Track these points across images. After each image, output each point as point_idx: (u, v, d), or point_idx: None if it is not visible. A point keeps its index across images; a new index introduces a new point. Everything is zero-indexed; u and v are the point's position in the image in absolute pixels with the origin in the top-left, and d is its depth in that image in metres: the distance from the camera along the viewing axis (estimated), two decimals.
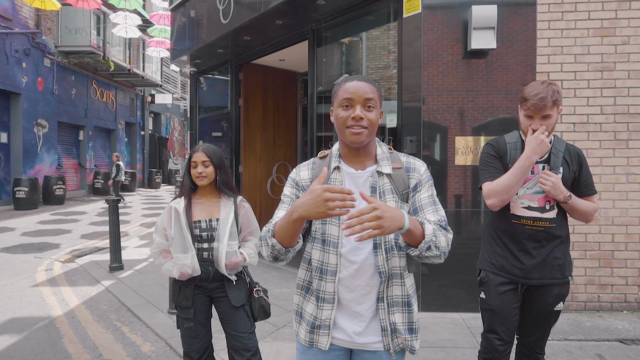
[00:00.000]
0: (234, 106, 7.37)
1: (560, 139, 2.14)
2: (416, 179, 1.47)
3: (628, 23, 4.02)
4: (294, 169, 1.57)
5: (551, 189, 1.97)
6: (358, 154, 1.46)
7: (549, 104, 1.95)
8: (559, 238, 2.07)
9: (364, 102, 1.38)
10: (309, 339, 1.47)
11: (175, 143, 26.77)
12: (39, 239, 8.09)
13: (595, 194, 2.11)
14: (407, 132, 4.26)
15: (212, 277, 2.35)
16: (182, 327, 2.37)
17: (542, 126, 1.99)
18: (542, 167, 2.06)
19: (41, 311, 4.33)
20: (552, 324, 2.14)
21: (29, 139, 13.27)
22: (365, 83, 1.40)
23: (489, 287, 2.16)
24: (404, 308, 1.45)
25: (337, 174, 1.46)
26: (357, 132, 1.38)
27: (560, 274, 2.07)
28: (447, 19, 4.11)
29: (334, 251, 1.41)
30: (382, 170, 1.44)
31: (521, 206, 2.07)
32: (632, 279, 4.07)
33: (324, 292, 1.43)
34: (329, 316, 1.43)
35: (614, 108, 4.05)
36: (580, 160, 2.09)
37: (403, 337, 1.44)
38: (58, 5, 11.15)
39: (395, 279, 1.44)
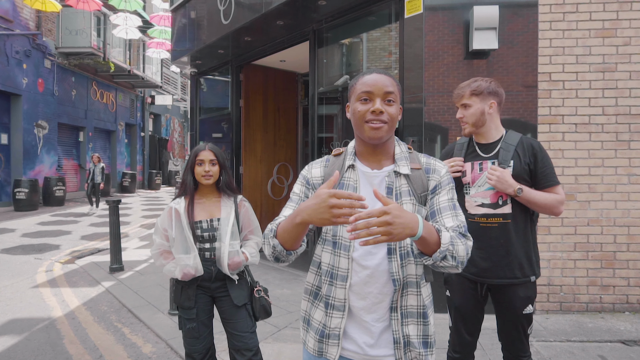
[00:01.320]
0: (235, 107, 7.36)
1: (514, 133, 2.13)
2: (436, 180, 1.37)
3: (629, 24, 4.02)
4: (306, 165, 1.49)
5: (497, 183, 1.97)
6: (375, 152, 1.37)
7: (466, 94, 2.08)
8: (516, 235, 2.02)
9: (384, 95, 1.30)
10: (318, 348, 1.37)
11: (175, 144, 26.76)
12: (39, 240, 8.07)
13: (557, 185, 2.04)
14: (409, 133, 4.25)
15: (214, 276, 2.34)
16: (185, 327, 2.36)
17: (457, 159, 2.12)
18: (491, 163, 2.06)
19: (41, 312, 4.32)
20: (527, 327, 2.10)
21: (29, 140, 13.27)
22: (385, 76, 1.32)
23: (452, 285, 2.19)
24: (419, 319, 1.35)
25: (352, 172, 1.37)
26: (377, 127, 1.30)
27: (520, 272, 2.02)
28: (449, 20, 4.11)
29: (346, 255, 1.32)
30: (400, 171, 1.34)
31: (475, 204, 2.08)
32: (634, 280, 4.06)
33: (333, 298, 1.34)
34: (339, 325, 1.33)
35: (616, 109, 4.04)
36: (534, 152, 2.05)
37: (417, 351, 1.33)
38: (58, 6, 11.17)
39: (411, 288, 1.33)
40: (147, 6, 19.60)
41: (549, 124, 4.07)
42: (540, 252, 4.04)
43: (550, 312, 4.06)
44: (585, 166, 4.06)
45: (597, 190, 4.05)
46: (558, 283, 4.06)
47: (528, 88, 4.05)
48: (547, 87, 4.07)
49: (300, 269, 5.63)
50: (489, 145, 2.12)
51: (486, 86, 2.08)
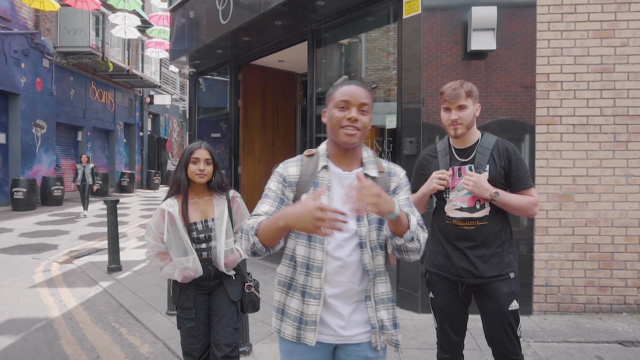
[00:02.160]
0: (233, 107, 7.35)
1: (490, 136, 2.15)
2: (396, 182, 1.55)
3: (627, 25, 4.03)
4: (280, 163, 1.58)
5: (474, 189, 2.00)
6: (347, 155, 1.51)
7: (463, 94, 2.04)
8: (493, 235, 2.07)
9: (359, 105, 1.44)
10: (297, 335, 1.47)
11: (174, 144, 26.74)
12: (37, 239, 8.06)
13: (530, 187, 2.08)
14: (407, 133, 4.25)
15: (212, 275, 2.35)
16: (184, 327, 2.36)
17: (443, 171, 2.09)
18: (469, 168, 2.09)
19: (39, 312, 4.31)
20: (516, 326, 2.09)
21: (27, 140, 13.24)
22: (362, 88, 1.47)
23: (434, 287, 2.20)
24: (389, 304, 1.53)
25: (325, 172, 1.50)
26: (351, 133, 1.44)
27: (497, 271, 2.06)
28: (447, 20, 4.11)
29: (320, 247, 1.45)
30: (369, 174, 1.50)
31: (454, 208, 2.11)
32: (631, 280, 4.06)
33: (310, 287, 1.46)
34: (316, 312, 1.45)
35: (614, 110, 4.05)
36: (509, 155, 2.07)
37: (390, 332, 1.51)
38: (57, 5, 11.14)
39: (380, 277, 1.52)
40: (145, 6, 19.57)
41: (547, 125, 4.07)
42: (538, 253, 4.08)
43: (548, 313, 4.07)
44: (583, 167, 4.06)
45: (595, 191, 4.06)
46: (556, 284, 4.07)
47: (526, 89, 4.05)
48: (545, 87, 4.07)
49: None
50: (466, 149, 2.14)
51: (476, 89, 2.11)
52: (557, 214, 4.06)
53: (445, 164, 2.15)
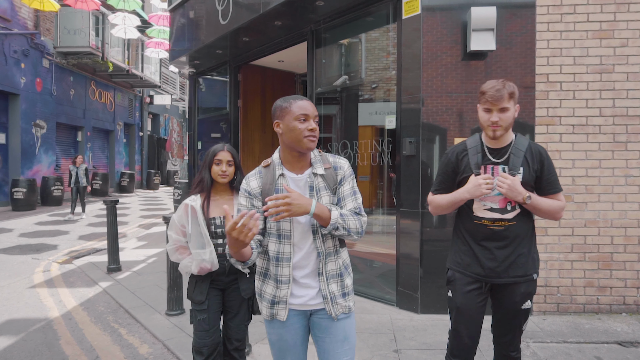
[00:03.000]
0: (233, 107, 7.36)
1: (523, 137, 2.13)
2: (341, 174, 1.82)
3: (627, 25, 4.03)
4: (243, 180, 1.84)
5: (508, 192, 1.97)
6: (300, 159, 1.77)
7: (506, 96, 1.98)
8: (521, 236, 2.07)
9: (314, 117, 1.73)
10: (270, 314, 1.79)
11: (174, 144, 26.73)
12: (37, 240, 8.06)
13: (560, 192, 2.10)
14: (407, 133, 4.25)
15: (227, 271, 2.43)
16: (196, 319, 2.42)
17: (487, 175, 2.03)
18: (502, 169, 2.06)
19: (38, 313, 4.31)
20: (523, 323, 2.14)
21: (27, 140, 13.23)
22: (312, 103, 1.76)
23: (455, 285, 2.18)
24: (338, 279, 1.80)
25: (283, 180, 1.76)
26: (313, 140, 1.71)
27: (523, 271, 2.07)
28: (447, 21, 4.11)
29: (288, 242, 1.75)
30: (317, 172, 1.77)
31: (484, 208, 2.09)
32: (631, 281, 4.06)
33: (281, 275, 1.76)
34: (286, 294, 1.76)
35: (613, 110, 4.05)
36: (542, 159, 2.07)
37: (339, 301, 1.78)
38: (57, 6, 11.14)
39: (330, 257, 1.78)
40: (145, 6, 19.56)
41: (546, 125, 4.07)
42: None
43: (548, 313, 4.07)
44: (582, 167, 4.06)
45: (594, 192, 4.06)
46: (555, 284, 4.07)
47: (526, 89, 4.05)
48: (544, 88, 4.07)
49: None
50: (500, 149, 2.10)
51: (517, 89, 2.05)
52: None
53: (477, 162, 2.10)
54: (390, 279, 4.52)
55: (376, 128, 5.02)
